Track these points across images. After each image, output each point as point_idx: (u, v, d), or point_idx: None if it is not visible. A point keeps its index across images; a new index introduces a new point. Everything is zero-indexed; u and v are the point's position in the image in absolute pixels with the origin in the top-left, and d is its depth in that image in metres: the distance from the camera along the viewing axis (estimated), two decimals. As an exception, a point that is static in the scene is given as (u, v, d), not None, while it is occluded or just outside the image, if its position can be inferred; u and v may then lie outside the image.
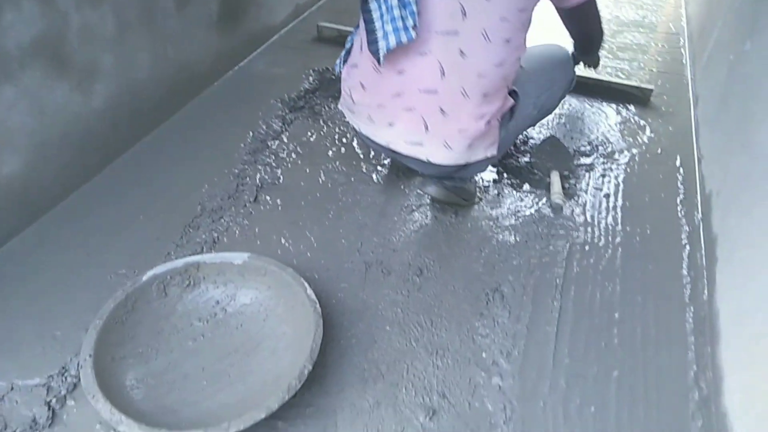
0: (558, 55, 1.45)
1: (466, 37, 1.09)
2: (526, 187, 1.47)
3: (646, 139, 1.65)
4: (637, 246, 1.29)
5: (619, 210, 1.39)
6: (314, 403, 0.98)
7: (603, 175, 1.51)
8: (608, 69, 2.04)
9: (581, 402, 0.98)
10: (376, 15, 1.08)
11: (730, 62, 1.50)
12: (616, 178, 1.50)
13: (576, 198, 1.43)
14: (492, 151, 1.20)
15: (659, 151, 1.61)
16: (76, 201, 1.37)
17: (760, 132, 1.14)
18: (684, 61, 2.09)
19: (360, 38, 1.19)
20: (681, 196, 1.43)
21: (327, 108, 1.77)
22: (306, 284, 1.07)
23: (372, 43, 1.09)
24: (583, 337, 1.09)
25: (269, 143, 1.61)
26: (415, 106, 1.14)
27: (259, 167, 1.51)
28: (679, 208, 1.40)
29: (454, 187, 1.33)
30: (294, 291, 1.07)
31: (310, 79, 1.91)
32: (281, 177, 1.49)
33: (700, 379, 1.01)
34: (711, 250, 1.22)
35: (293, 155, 1.57)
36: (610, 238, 1.31)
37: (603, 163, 1.55)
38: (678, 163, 1.55)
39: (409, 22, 1.04)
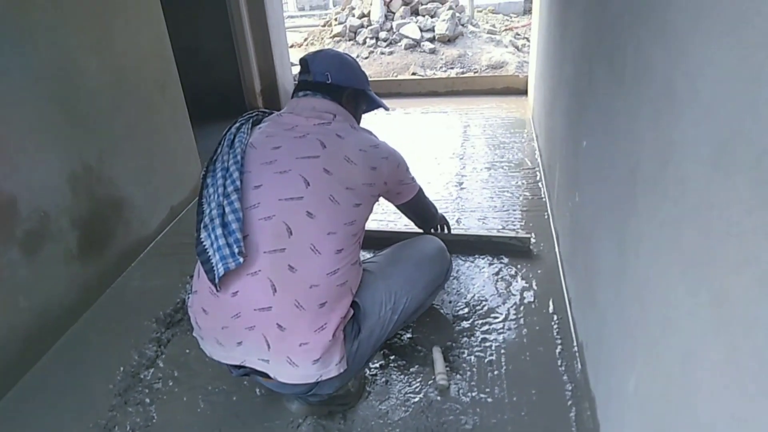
0: (425, 251, 1.43)
1: (293, 252, 1.12)
2: (413, 368, 1.44)
3: (519, 288, 1.70)
4: (526, 420, 1.26)
5: (503, 377, 1.38)
6: None
7: (483, 340, 1.51)
8: (475, 213, 2.15)
9: None
10: (207, 243, 1.12)
11: (569, 208, 1.62)
12: (495, 340, 1.51)
13: (461, 372, 1.41)
14: (342, 367, 1.15)
15: (533, 299, 1.65)
16: None
17: (598, 290, 1.19)
18: (542, 196, 2.24)
19: (197, 265, 1.21)
20: (559, 347, 1.45)
21: (204, 319, 1.71)
22: None
23: (209, 271, 1.11)
24: None
25: (142, 375, 1.51)
26: (254, 324, 1.13)
27: (130, 409, 1.40)
28: (559, 363, 1.40)
29: (321, 402, 1.28)
30: None
31: (188, 286, 1.87)
32: (155, 416, 1.38)
33: None
34: (593, 411, 1.21)
35: (170, 383, 1.48)
36: (499, 416, 1.28)
37: (482, 325, 1.57)
38: (551, 309, 1.60)
39: (235, 249, 1.09)
